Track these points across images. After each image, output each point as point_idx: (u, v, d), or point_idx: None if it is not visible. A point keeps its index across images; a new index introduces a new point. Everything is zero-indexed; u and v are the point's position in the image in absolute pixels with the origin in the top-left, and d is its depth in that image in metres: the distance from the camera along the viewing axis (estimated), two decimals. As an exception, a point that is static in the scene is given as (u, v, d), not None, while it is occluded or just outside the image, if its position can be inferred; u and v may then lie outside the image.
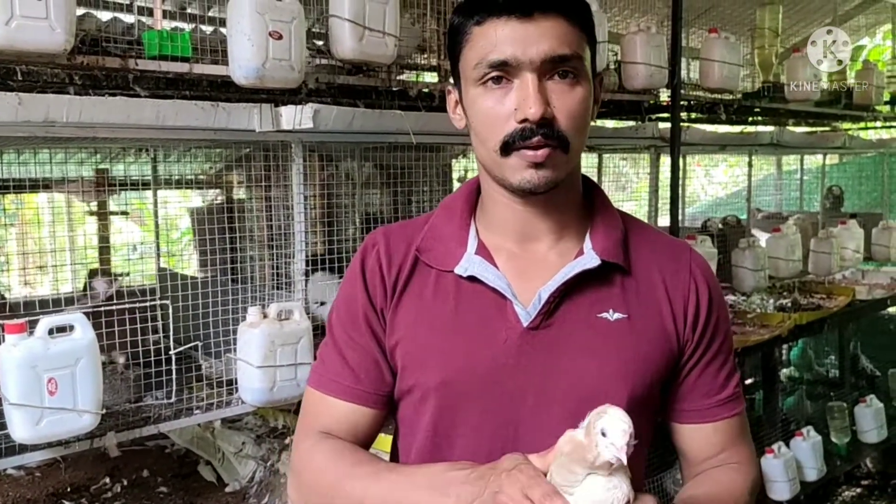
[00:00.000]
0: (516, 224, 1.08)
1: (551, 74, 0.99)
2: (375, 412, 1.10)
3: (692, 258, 1.12)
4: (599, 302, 1.05)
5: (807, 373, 5.28)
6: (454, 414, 1.04)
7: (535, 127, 0.97)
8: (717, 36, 3.46)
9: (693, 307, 1.08)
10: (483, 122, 1.01)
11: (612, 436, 0.78)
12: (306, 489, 1.08)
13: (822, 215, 4.68)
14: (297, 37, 2.11)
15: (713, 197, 7.34)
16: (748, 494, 1.10)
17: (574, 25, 1.00)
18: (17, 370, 1.77)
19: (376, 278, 1.09)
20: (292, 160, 2.32)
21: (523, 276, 1.06)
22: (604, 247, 1.07)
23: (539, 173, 0.99)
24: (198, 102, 2.05)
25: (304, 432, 1.12)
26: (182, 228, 4.29)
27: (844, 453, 4.22)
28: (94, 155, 3.20)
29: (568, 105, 0.99)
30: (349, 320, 1.10)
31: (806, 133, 4.86)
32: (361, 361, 1.09)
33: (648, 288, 1.08)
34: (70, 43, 1.79)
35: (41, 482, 2.73)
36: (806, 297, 4.34)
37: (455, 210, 1.13)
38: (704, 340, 1.09)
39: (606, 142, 3.59)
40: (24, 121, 1.77)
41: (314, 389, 1.12)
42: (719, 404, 1.11)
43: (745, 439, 1.15)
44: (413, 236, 1.11)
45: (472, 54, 1.00)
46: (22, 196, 3.50)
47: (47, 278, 3.45)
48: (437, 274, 1.08)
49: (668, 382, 1.10)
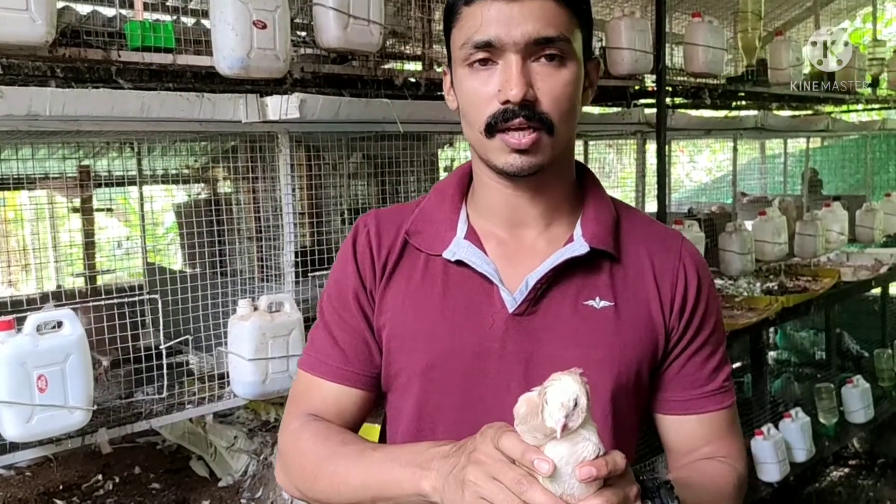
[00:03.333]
0: (506, 209, 1.07)
1: (537, 56, 0.98)
2: (364, 394, 1.11)
3: (683, 246, 1.11)
4: (586, 289, 1.05)
5: (794, 355, 5.33)
6: (439, 398, 1.04)
7: (516, 108, 0.96)
8: (700, 20, 3.46)
9: (681, 295, 1.08)
10: (469, 102, 1.01)
11: (552, 406, 0.79)
12: (293, 471, 1.08)
13: (805, 198, 4.71)
14: (282, 26, 2.09)
15: (698, 183, 7.37)
16: (734, 488, 1.08)
17: (563, 7, 0.98)
18: (6, 367, 1.75)
19: (366, 259, 1.10)
20: (279, 151, 2.30)
21: (511, 261, 1.06)
22: (593, 234, 1.06)
23: (523, 158, 0.99)
24: (182, 94, 2.02)
25: (292, 414, 1.12)
26: (167, 224, 4.26)
27: (832, 434, 4.26)
28: (77, 151, 3.16)
29: (552, 87, 0.98)
30: (339, 301, 1.11)
31: (790, 117, 4.88)
32: (351, 341, 1.10)
33: (637, 275, 1.07)
34: (51, 35, 1.77)
35: (32, 481, 2.71)
36: (792, 280, 4.37)
37: (446, 194, 1.12)
38: (691, 329, 1.08)
39: (592, 128, 3.59)
40: (6, 115, 1.75)
41: (303, 371, 1.13)
42: (705, 396, 1.09)
43: (733, 434, 1.13)
44: (403, 220, 1.11)
45: (460, 34, 1.00)
46: (3, 194, 3.46)
47: (31, 277, 3.41)
48: (426, 258, 1.08)
49: (655, 372, 1.09)
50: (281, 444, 1.12)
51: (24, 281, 3.90)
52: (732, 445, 1.12)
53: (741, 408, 3.83)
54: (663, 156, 3.23)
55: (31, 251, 3.23)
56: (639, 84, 3.37)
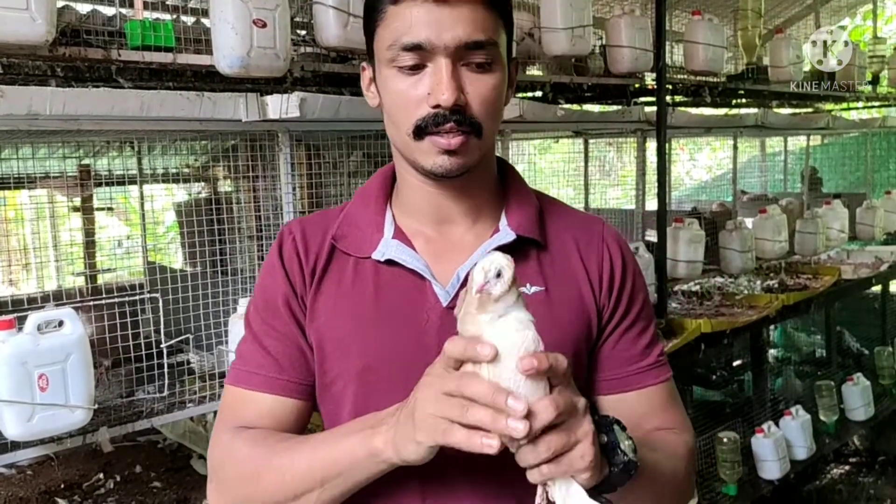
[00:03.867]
0: (431, 208, 1.07)
1: (465, 60, 0.97)
2: (301, 403, 1.06)
3: (604, 229, 1.14)
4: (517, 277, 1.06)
5: (793, 353, 5.33)
6: (377, 399, 1.00)
7: (447, 113, 0.96)
8: (700, 18, 3.46)
9: (608, 273, 1.09)
10: (396, 104, 1.00)
11: (474, 274, 0.82)
12: (230, 484, 1.02)
13: (805, 196, 4.71)
14: (282, 24, 2.09)
15: (698, 181, 7.38)
16: (684, 450, 1.09)
17: (491, 10, 0.98)
18: (6, 367, 1.75)
19: (294, 265, 1.07)
20: (279, 150, 2.30)
21: (441, 257, 1.06)
22: (518, 223, 1.07)
23: (451, 159, 0.99)
24: (182, 93, 2.02)
25: (221, 429, 1.06)
26: (167, 223, 4.26)
27: (833, 431, 4.26)
28: (77, 150, 3.16)
29: (481, 92, 0.98)
30: (268, 310, 1.07)
31: (790, 114, 4.88)
32: (284, 349, 1.06)
33: (564, 260, 1.09)
34: (52, 34, 1.77)
35: (33, 480, 2.72)
36: (792, 278, 4.38)
37: (370, 197, 1.11)
38: (622, 305, 1.09)
39: (593, 126, 3.59)
40: (7, 114, 1.75)
41: (233, 386, 1.07)
42: (642, 371, 1.10)
43: (675, 407, 1.13)
44: (329, 225, 1.10)
45: (387, 34, 0.98)
46: (3, 193, 3.46)
47: (32, 276, 3.42)
48: (355, 261, 1.07)
49: (591, 354, 1.10)
50: (212, 460, 1.05)
51: (24, 280, 3.90)
52: (675, 418, 1.12)
53: (741, 406, 3.82)
54: (663, 154, 3.22)
55: (31, 250, 3.23)
56: (639, 82, 3.36)
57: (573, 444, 0.82)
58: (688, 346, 3.29)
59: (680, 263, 3.45)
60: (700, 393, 4.53)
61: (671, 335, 3.25)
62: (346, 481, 0.93)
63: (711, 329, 3.34)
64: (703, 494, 3.47)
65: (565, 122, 3.25)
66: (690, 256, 3.47)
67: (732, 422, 3.80)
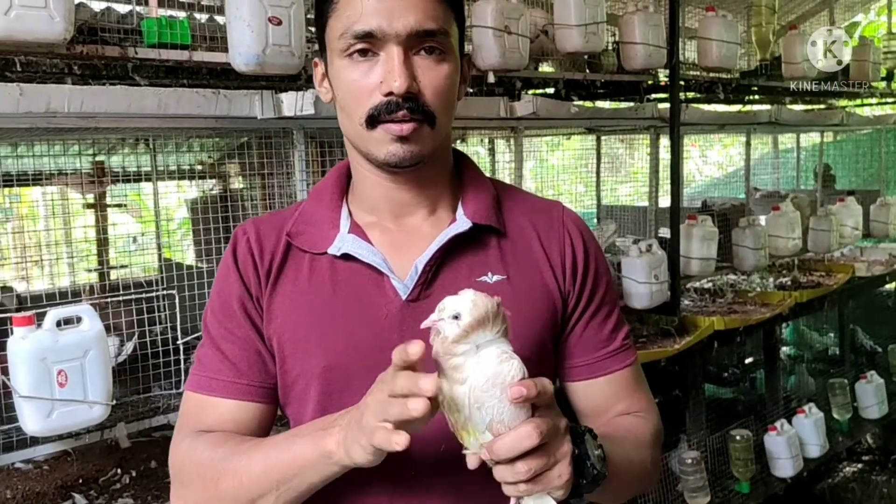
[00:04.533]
0: (388, 201, 1.07)
1: (417, 49, 0.98)
2: (263, 407, 1.06)
3: (564, 213, 1.14)
4: (477, 266, 1.05)
5: (805, 350, 5.31)
6: (341, 397, 1.01)
7: (400, 101, 0.96)
8: (714, 14, 3.45)
9: (570, 258, 1.09)
10: (348, 94, 1.00)
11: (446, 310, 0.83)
12: (191, 488, 1.01)
13: (819, 193, 4.68)
14: (297, 22, 2.10)
15: (709, 178, 7.34)
16: (652, 436, 1.10)
17: (441, 1, 0.99)
18: (26, 363, 1.77)
19: (249, 267, 1.06)
20: (294, 147, 2.31)
21: (399, 249, 1.06)
22: (474, 210, 1.07)
23: (404, 147, 0.99)
24: (199, 90, 2.03)
25: (180, 435, 1.05)
26: (178, 219, 4.28)
27: (846, 429, 4.25)
28: (91, 147, 3.18)
29: (433, 80, 0.98)
30: (224, 314, 1.06)
31: (804, 111, 4.86)
32: (242, 353, 1.05)
33: (525, 247, 1.08)
34: (70, 32, 1.77)
35: (49, 475, 2.73)
36: (805, 276, 4.36)
37: (325, 194, 1.11)
38: (586, 291, 1.10)
39: (606, 123, 3.58)
40: (26, 112, 1.76)
41: (192, 392, 1.06)
42: (609, 356, 1.11)
43: (640, 390, 1.15)
44: (283, 224, 1.09)
45: (338, 24, 0.98)
46: (17, 190, 3.48)
47: (45, 273, 3.44)
48: (311, 258, 1.06)
49: (557, 341, 1.10)
50: (173, 467, 1.05)
51: (38, 277, 3.92)
52: (641, 400, 1.14)
53: (754, 404, 3.80)
54: (677, 151, 3.21)
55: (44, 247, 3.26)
56: (652, 79, 3.35)
57: (552, 464, 0.83)
58: (700, 344, 3.28)
59: (693, 260, 3.43)
60: (712, 390, 4.52)
61: (684, 332, 3.25)
62: (300, 483, 0.93)
63: (725, 327, 3.34)
64: (716, 492, 3.46)
65: (579, 119, 3.25)
66: (703, 254, 3.46)
67: (745, 419, 3.79)
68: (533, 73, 2.99)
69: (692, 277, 3.63)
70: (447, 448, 0.98)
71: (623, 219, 4.15)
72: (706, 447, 3.49)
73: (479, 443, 0.83)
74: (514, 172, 2.92)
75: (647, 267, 3.06)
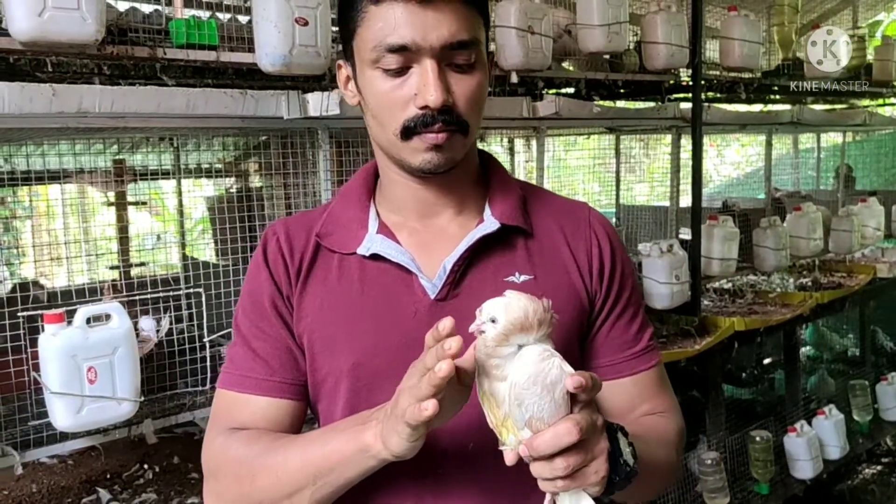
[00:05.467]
0: (416, 203, 1.08)
1: (450, 60, 0.97)
2: (294, 403, 1.07)
3: (591, 214, 1.14)
4: (505, 266, 1.06)
5: (825, 351, 5.27)
6: (370, 394, 1.02)
7: (435, 114, 0.96)
8: (736, 14, 3.43)
9: (597, 260, 1.09)
10: (381, 105, 1.00)
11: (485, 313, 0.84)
12: (226, 484, 1.02)
13: (841, 193, 4.65)
14: (324, 22, 2.10)
15: (727, 177, 7.30)
16: (675, 436, 1.11)
17: (472, 9, 0.99)
18: (57, 359, 1.79)
19: (279, 266, 1.07)
20: (319, 147, 2.32)
21: (426, 249, 1.06)
22: (502, 211, 1.07)
23: (438, 155, 0.99)
24: (227, 91, 2.05)
25: (214, 432, 1.06)
26: (196, 217, 4.30)
27: (866, 431, 4.22)
28: (113, 145, 3.20)
29: (467, 91, 0.99)
30: (256, 312, 1.07)
31: (826, 111, 4.82)
32: (274, 351, 1.06)
33: (551, 247, 1.09)
34: (101, 33, 1.79)
35: (74, 469, 2.77)
36: (826, 276, 4.33)
37: (353, 195, 1.12)
38: (613, 292, 1.10)
39: (628, 123, 3.57)
40: (59, 112, 1.78)
41: (225, 390, 1.07)
42: (635, 356, 1.11)
43: (665, 390, 1.15)
44: (312, 224, 1.10)
45: (369, 35, 0.97)
46: (39, 188, 3.51)
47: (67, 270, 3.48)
48: (340, 258, 1.07)
49: (583, 341, 1.10)
50: (207, 463, 1.05)
51: (58, 275, 3.96)
52: (666, 401, 1.15)
53: (774, 405, 3.78)
54: (699, 151, 3.20)
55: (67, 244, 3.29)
56: (674, 78, 3.34)
57: (589, 461, 0.84)
58: (721, 345, 3.27)
59: (714, 261, 3.43)
60: (730, 391, 4.50)
61: (704, 333, 3.24)
62: (338, 478, 0.93)
63: (745, 327, 3.32)
64: (735, 493, 3.45)
65: (601, 119, 3.24)
66: (724, 254, 3.45)
67: (765, 420, 3.78)
68: (556, 73, 2.99)
69: (712, 278, 3.62)
70: (475, 446, 0.99)
71: (642, 219, 4.14)
72: (725, 448, 3.48)
73: (517, 439, 0.84)
74: (533, 172, 2.92)
75: (668, 267, 3.05)
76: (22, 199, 3.73)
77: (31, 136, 2.29)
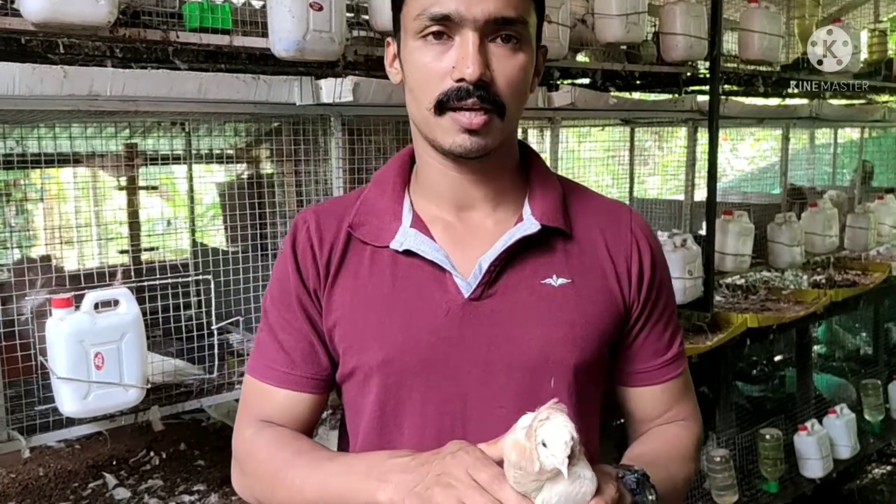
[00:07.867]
0: (451, 191, 1.05)
1: (494, 37, 0.95)
2: (314, 397, 1.08)
3: (632, 219, 1.11)
4: (542, 268, 1.03)
5: (837, 350, 5.22)
6: (399, 391, 1.01)
7: (471, 88, 0.94)
8: (757, 6, 3.38)
9: (637, 267, 1.07)
10: (419, 77, 0.98)
11: (553, 447, 0.75)
12: (249, 478, 1.07)
13: (858, 190, 4.59)
14: (338, 8, 2.08)
15: (739, 172, 7.23)
16: (693, 448, 1.12)
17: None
18: (64, 344, 1.78)
19: (308, 259, 1.06)
20: (331, 134, 2.29)
21: (461, 245, 1.04)
22: (543, 212, 1.04)
23: (472, 139, 0.96)
24: (239, 76, 2.02)
25: (244, 420, 1.10)
26: (206, 203, 4.29)
27: (878, 431, 4.18)
28: (125, 129, 3.19)
29: (507, 70, 0.96)
30: (283, 302, 1.08)
31: (844, 106, 4.75)
32: (297, 344, 1.07)
33: (591, 251, 1.06)
34: (113, 15, 1.77)
35: (81, 454, 2.77)
36: (841, 274, 4.28)
37: (387, 183, 1.09)
38: (651, 300, 1.08)
39: (644, 115, 3.53)
40: (69, 94, 1.76)
41: (251, 377, 1.10)
42: (666, 364, 1.11)
43: (688, 396, 1.15)
44: (345, 213, 1.08)
45: (415, 5, 0.96)
46: (50, 171, 3.50)
47: (77, 254, 3.47)
48: (373, 250, 1.05)
49: (617, 346, 1.09)
50: (236, 450, 1.10)
51: (68, 258, 3.96)
52: (688, 407, 1.15)
53: (784, 403, 3.74)
54: (715, 145, 3.16)
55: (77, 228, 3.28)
56: (691, 70, 3.30)
57: None
58: (732, 341, 3.24)
59: (727, 256, 3.39)
60: (739, 388, 4.47)
61: (716, 329, 3.21)
62: None
63: (758, 324, 3.29)
64: (744, 491, 3.43)
65: (617, 111, 3.20)
66: (738, 250, 3.41)
67: (775, 419, 3.75)
68: (572, 63, 2.96)
69: (725, 273, 3.58)
70: None
71: (655, 212, 4.10)
72: (735, 445, 3.46)
73: None
74: (547, 163, 2.88)
75: (681, 262, 3.02)
76: (35, 182, 3.72)
77: (42, 118, 2.26)
